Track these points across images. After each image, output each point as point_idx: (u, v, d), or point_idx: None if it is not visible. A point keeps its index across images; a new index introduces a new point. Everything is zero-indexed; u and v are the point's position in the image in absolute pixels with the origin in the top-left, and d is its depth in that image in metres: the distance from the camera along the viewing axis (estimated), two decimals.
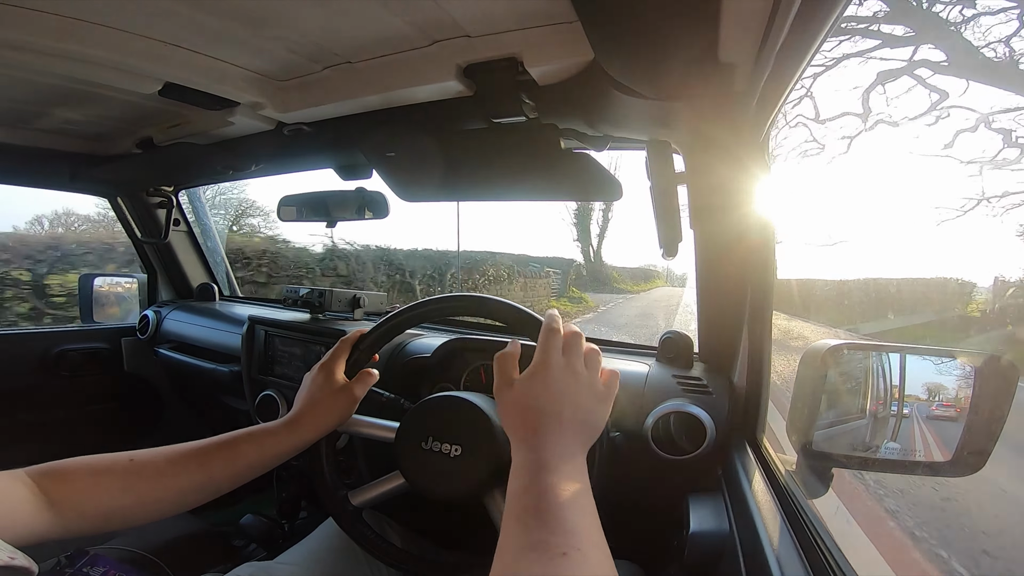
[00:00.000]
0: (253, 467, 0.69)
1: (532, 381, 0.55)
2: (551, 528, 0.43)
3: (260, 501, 1.56)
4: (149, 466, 0.63)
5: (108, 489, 0.59)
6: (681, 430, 0.83)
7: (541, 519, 0.44)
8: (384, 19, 0.64)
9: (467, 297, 0.79)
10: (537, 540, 0.42)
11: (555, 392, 0.54)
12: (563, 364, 0.56)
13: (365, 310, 1.33)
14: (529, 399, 0.54)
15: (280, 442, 0.71)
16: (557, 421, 0.52)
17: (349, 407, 0.76)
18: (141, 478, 0.61)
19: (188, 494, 0.65)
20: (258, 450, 0.70)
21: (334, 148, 1.09)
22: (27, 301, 3.99)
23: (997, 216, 8.00)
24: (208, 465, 0.66)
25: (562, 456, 0.50)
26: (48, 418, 1.58)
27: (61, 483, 0.57)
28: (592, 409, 0.55)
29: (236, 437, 0.70)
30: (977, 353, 0.63)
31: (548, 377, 0.54)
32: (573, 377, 0.55)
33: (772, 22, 0.43)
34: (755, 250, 0.78)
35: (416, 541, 0.96)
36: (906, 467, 0.68)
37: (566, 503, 0.45)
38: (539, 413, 0.53)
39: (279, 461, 0.72)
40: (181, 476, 0.64)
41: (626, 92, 0.62)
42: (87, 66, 0.76)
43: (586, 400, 0.55)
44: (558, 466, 0.48)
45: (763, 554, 0.54)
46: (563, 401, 0.53)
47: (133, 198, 1.69)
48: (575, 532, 0.43)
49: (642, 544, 0.89)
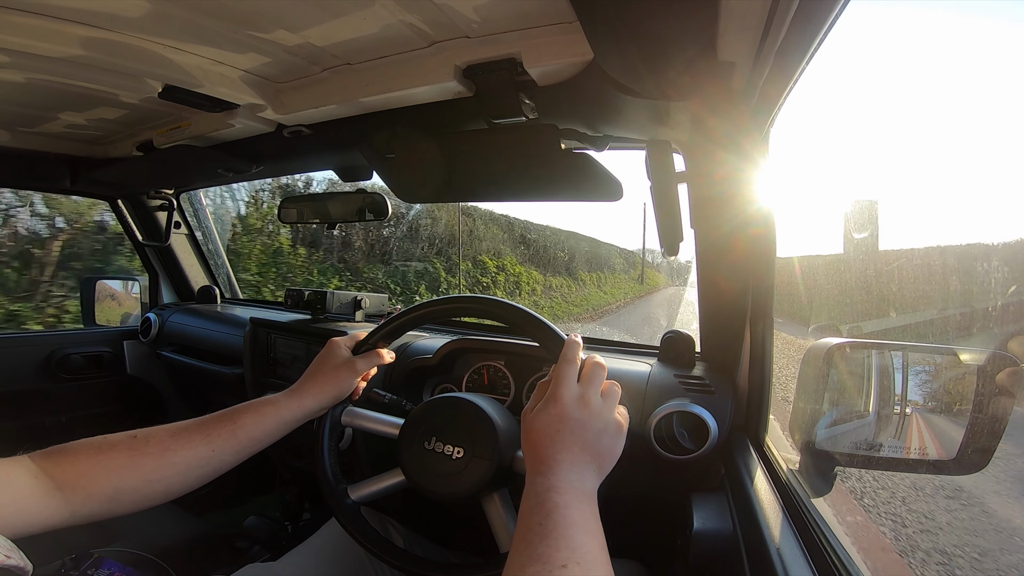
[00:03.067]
0: (254, 438, 0.70)
1: (545, 411, 0.57)
2: (554, 545, 0.45)
3: (264, 503, 1.56)
4: (152, 441, 0.63)
5: (114, 466, 0.59)
6: (683, 430, 0.82)
7: (545, 536, 0.46)
8: (383, 21, 0.64)
9: (490, 300, 0.78)
10: (540, 554, 0.44)
11: (565, 422, 0.56)
12: (577, 396, 0.58)
13: (366, 312, 1.34)
14: (541, 427, 0.56)
15: (280, 410, 0.72)
16: (567, 450, 0.54)
17: (350, 378, 0.77)
18: (145, 454, 0.62)
19: (193, 469, 0.65)
20: (258, 419, 0.70)
21: (334, 150, 1.09)
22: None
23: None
24: (210, 437, 0.66)
25: (570, 482, 0.52)
26: (50, 422, 1.59)
27: (66, 463, 0.57)
28: (604, 441, 0.57)
29: (236, 408, 0.71)
30: (980, 351, 0.63)
31: (559, 409, 0.57)
32: (586, 410, 0.57)
33: (771, 21, 0.43)
34: (756, 249, 0.78)
35: (418, 541, 0.96)
36: (909, 465, 0.68)
37: (571, 523, 0.47)
38: (550, 442, 0.55)
39: (281, 430, 0.72)
40: (185, 449, 0.64)
41: (625, 92, 0.62)
42: (88, 70, 0.77)
43: (597, 432, 0.56)
44: (566, 491, 0.51)
45: (767, 552, 0.54)
46: (574, 432, 0.55)
47: (134, 201, 1.70)
48: (577, 549, 0.45)
49: (646, 543, 0.89)
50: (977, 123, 13.11)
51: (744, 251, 0.80)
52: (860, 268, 2.13)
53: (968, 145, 13.03)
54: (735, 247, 0.81)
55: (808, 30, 0.45)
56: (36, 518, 0.52)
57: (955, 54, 20.45)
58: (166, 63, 0.76)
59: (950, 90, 21.24)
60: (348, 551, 0.84)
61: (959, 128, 19.22)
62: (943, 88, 27.18)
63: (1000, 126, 10.72)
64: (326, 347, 0.80)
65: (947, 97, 21.75)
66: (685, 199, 0.77)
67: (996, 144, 11.28)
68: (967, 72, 17.33)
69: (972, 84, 14.58)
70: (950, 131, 21.82)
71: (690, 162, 0.79)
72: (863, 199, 5.36)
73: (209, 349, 1.57)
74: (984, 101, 12.67)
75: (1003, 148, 9.18)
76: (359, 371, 0.78)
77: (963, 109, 14.37)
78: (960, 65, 17.98)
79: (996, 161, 7.92)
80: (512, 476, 0.68)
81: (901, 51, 38.30)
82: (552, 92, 0.70)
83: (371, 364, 0.80)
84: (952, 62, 21.04)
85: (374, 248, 8.31)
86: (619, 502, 0.66)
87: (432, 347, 1.10)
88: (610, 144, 0.82)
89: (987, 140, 12.49)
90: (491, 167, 0.86)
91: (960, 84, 16.69)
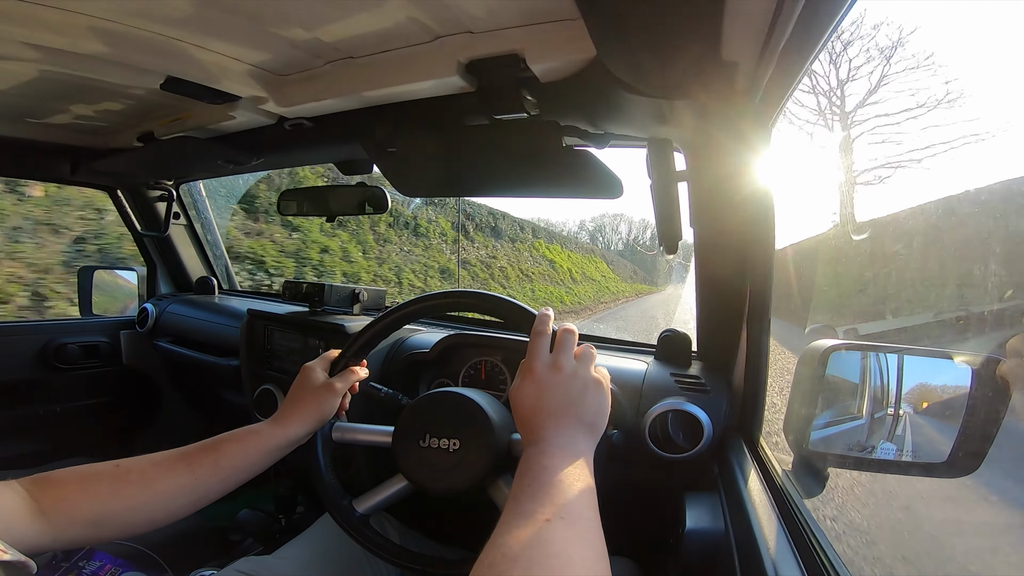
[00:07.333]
0: (237, 467, 0.69)
1: (523, 383, 0.60)
2: (539, 501, 0.46)
3: (257, 496, 1.56)
4: (135, 470, 0.63)
5: (97, 494, 0.60)
6: (678, 428, 0.83)
7: (532, 495, 0.47)
8: (387, 14, 0.64)
9: (462, 293, 0.79)
10: (525, 510, 0.45)
11: (543, 390, 0.58)
12: (549, 363, 0.60)
13: (364, 305, 1.33)
14: (523, 400, 0.59)
15: (263, 439, 0.71)
16: (550, 416, 0.57)
17: (332, 400, 0.77)
18: (128, 483, 0.62)
19: (177, 498, 0.65)
20: (242, 449, 0.70)
21: (335, 143, 1.09)
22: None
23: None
24: (192, 466, 0.66)
25: (559, 445, 0.54)
26: (46, 411, 1.58)
27: (51, 488, 0.57)
28: (586, 401, 0.59)
29: (220, 438, 0.70)
30: (974, 354, 0.63)
31: (535, 378, 0.59)
32: (559, 374, 0.59)
33: (776, 20, 0.43)
34: (755, 249, 0.78)
35: (416, 538, 0.96)
36: (901, 468, 0.68)
37: (557, 481, 0.49)
38: (534, 412, 0.57)
39: (267, 460, 0.72)
40: (167, 479, 0.64)
41: (628, 90, 0.62)
42: (89, 61, 0.76)
43: (576, 392, 0.59)
44: (554, 453, 0.52)
45: (758, 552, 0.54)
46: (553, 398, 0.58)
47: (134, 191, 1.69)
48: (563, 505, 0.46)
49: (638, 541, 0.89)
50: (980, 120, 12.95)
51: (743, 251, 0.81)
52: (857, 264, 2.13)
53: (969, 144, 12.94)
54: (734, 246, 0.82)
55: (813, 31, 0.45)
56: (21, 539, 0.52)
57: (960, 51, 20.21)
58: (168, 55, 0.75)
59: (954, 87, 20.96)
60: (343, 544, 0.84)
61: (960, 126, 18.87)
62: (948, 84, 26.62)
63: (1003, 123, 10.65)
64: (301, 373, 0.79)
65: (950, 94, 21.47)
66: (685, 198, 0.78)
67: (996, 143, 11.19)
68: (971, 68, 17.19)
69: (976, 80, 14.40)
70: (951, 129, 21.32)
71: (691, 161, 0.79)
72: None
73: (206, 340, 1.57)
74: (987, 97, 12.64)
75: (1004, 148, 9.18)
76: (339, 392, 0.77)
77: (967, 105, 14.15)
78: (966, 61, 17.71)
79: (997, 161, 7.91)
80: (514, 461, 0.68)
81: (904, 52, 38.01)
82: (554, 89, 0.70)
83: (349, 383, 0.79)
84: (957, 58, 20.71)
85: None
86: (612, 499, 0.66)
87: (429, 341, 1.10)
88: (611, 141, 0.82)
89: (988, 139, 12.33)
90: (492, 163, 0.86)
91: (964, 81, 16.36)
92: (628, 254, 26.28)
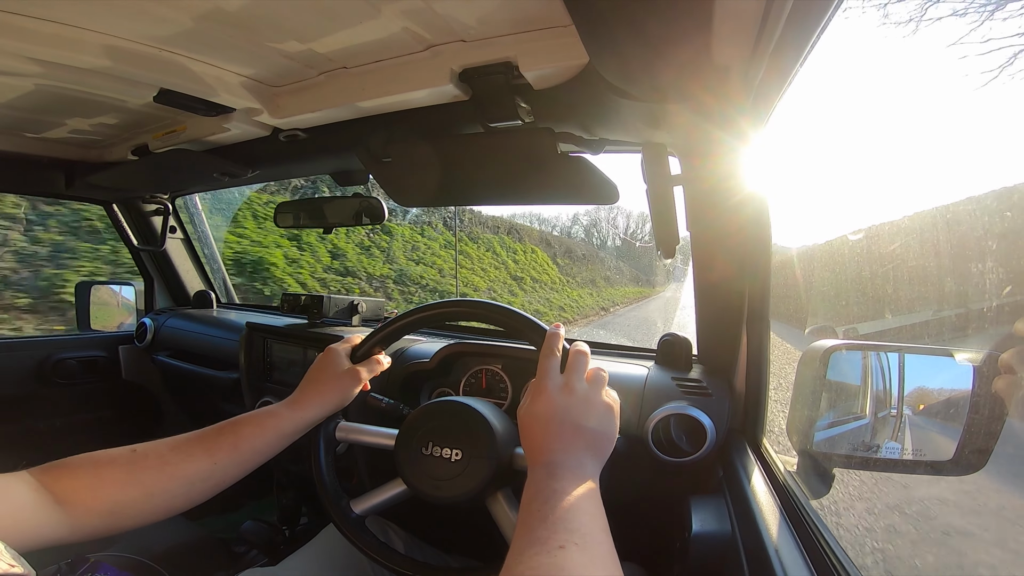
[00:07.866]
0: (256, 450, 0.69)
1: (533, 403, 0.59)
2: (552, 527, 0.46)
3: (261, 507, 1.55)
4: (152, 455, 0.62)
5: (113, 480, 0.58)
6: (681, 432, 0.82)
7: (543, 520, 0.47)
8: (380, 25, 0.64)
9: (478, 303, 0.79)
10: (538, 537, 0.45)
11: (554, 412, 0.58)
12: (560, 385, 0.60)
13: (363, 316, 1.33)
14: (532, 420, 0.58)
15: (281, 422, 0.71)
16: (559, 438, 0.56)
17: (353, 386, 0.77)
18: (145, 468, 0.61)
19: (195, 483, 0.64)
20: (259, 431, 0.69)
21: (330, 153, 1.09)
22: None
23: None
24: (211, 450, 0.65)
25: (568, 467, 0.53)
26: (46, 427, 1.58)
27: (65, 477, 0.56)
28: (595, 425, 0.58)
29: (237, 420, 0.70)
30: (976, 351, 0.63)
31: (546, 399, 0.59)
32: (572, 397, 0.59)
33: (765, 24, 0.43)
34: (753, 251, 0.78)
35: (419, 546, 0.95)
36: (907, 466, 0.68)
37: (569, 506, 0.48)
38: (543, 433, 0.57)
39: (283, 443, 0.72)
40: (185, 463, 0.63)
41: (621, 95, 0.62)
42: (82, 73, 0.76)
43: (587, 415, 0.58)
44: (563, 476, 0.52)
45: (766, 555, 0.54)
46: (564, 420, 0.57)
47: (129, 205, 1.69)
48: (575, 530, 0.45)
49: (645, 546, 0.89)
50: (972, 122, 13.17)
51: (740, 253, 0.81)
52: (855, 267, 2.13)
53: (963, 143, 13.07)
54: (732, 249, 0.82)
55: (802, 32, 0.45)
56: (38, 532, 0.51)
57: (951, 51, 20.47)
58: (162, 67, 0.75)
59: (945, 87, 21.03)
60: (347, 555, 0.84)
61: (955, 126, 19.27)
62: (938, 85, 26.89)
63: (996, 124, 10.80)
64: (325, 354, 0.79)
65: (942, 93, 21.52)
66: (681, 201, 0.78)
67: (992, 142, 11.26)
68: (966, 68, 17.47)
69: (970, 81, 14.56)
70: (946, 129, 21.56)
71: (686, 165, 0.79)
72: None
73: (205, 354, 1.56)
74: (981, 99, 12.71)
75: (1001, 146, 9.26)
76: (362, 379, 0.78)
77: (959, 107, 14.37)
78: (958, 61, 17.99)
79: (994, 160, 7.96)
80: (514, 474, 0.68)
81: (897, 51, 38.57)
82: (548, 95, 0.70)
83: (373, 371, 0.79)
84: (949, 59, 21.02)
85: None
86: (617, 505, 0.66)
87: (429, 351, 1.10)
88: (606, 147, 0.82)
89: (982, 138, 12.45)
90: (487, 171, 0.86)
91: (957, 80, 16.50)
92: (624, 252, 25.77)
